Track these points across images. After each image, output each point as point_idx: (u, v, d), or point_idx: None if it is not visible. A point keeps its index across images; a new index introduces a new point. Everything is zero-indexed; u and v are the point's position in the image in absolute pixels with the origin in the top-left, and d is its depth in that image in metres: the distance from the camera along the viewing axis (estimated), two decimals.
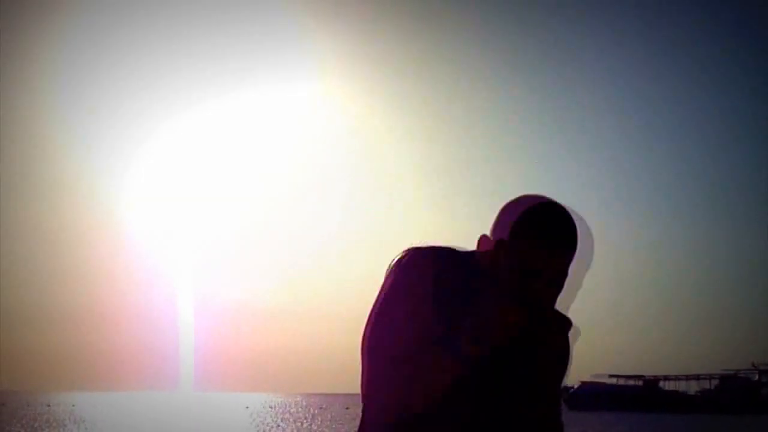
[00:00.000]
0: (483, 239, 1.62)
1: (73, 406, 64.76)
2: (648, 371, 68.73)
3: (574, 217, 1.67)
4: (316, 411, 56.91)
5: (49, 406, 64.09)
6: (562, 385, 1.72)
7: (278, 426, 34.94)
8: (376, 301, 1.61)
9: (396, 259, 1.62)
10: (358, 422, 1.64)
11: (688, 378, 67.50)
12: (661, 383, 67.08)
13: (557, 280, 1.62)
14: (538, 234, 1.61)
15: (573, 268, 1.65)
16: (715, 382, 66.11)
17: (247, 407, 66.67)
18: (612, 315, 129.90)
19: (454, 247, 1.67)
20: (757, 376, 63.76)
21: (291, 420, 41.22)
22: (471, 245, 1.67)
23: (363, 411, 1.65)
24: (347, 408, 61.49)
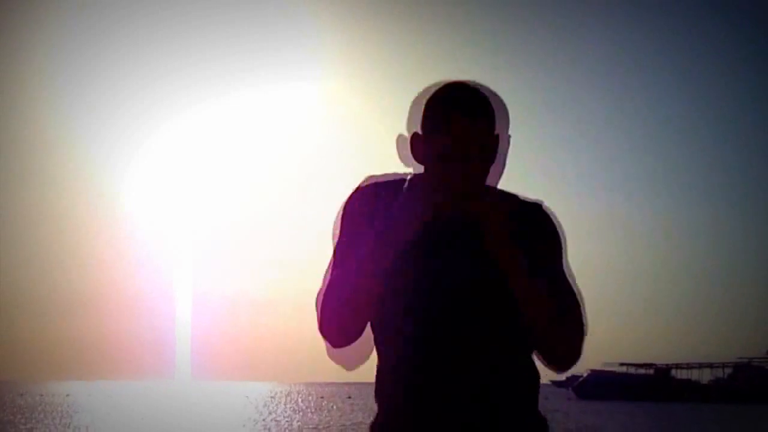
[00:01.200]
0: (399, 140, 1.67)
1: (68, 395, 64.97)
2: (659, 359, 68.77)
3: (485, 91, 1.65)
4: (318, 400, 57.07)
5: (41, 395, 64.32)
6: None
7: (288, 416, 35.16)
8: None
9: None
10: (362, 413, 1.71)
11: (700, 366, 67.44)
12: (672, 372, 67.05)
13: (478, 154, 1.60)
14: (441, 109, 1.61)
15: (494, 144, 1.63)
16: (728, 370, 66.10)
17: (247, 396, 66.86)
18: (623, 302, 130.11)
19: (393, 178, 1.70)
20: None
21: (296, 410, 41.40)
22: None
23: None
24: (349, 397, 61.67)
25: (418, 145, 1.62)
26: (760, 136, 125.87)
